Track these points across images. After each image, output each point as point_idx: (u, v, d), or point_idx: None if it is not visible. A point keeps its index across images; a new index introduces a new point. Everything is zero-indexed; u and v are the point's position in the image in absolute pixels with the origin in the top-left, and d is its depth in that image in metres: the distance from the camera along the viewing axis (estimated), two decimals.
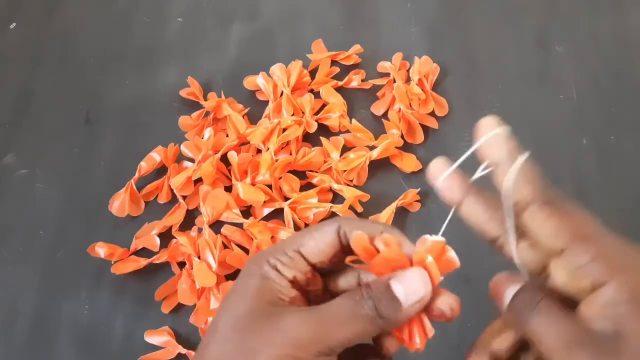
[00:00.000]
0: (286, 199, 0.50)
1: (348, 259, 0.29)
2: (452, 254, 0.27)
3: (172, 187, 0.50)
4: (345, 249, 0.29)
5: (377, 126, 0.54)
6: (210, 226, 0.49)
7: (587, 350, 0.25)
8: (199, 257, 0.47)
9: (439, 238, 0.27)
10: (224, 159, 0.52)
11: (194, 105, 0.56)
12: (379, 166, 0.52)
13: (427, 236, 0.27)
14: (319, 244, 0.28)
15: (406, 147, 0.52)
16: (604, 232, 0.27)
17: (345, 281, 0.30)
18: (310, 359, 0.25)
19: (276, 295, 0.27)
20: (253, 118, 0.55)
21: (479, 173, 0.28)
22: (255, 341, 0.26)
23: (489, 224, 0.28)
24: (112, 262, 0.48)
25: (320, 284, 0.30)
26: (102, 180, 0.53)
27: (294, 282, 0.28)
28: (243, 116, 0.54)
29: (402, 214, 0.50)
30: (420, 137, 0.53)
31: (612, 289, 0.25)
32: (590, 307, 0.26)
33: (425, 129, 0.53)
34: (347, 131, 0.53)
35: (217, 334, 0.27)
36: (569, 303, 0.27)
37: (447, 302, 0.27)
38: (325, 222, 0.29)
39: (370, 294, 0.26)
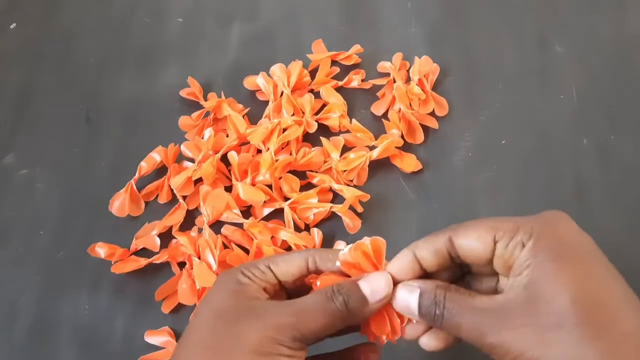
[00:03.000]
0: (286, 199, 0.50)
1: (308, 279, 0.33)
2: (366, 241, 0.32)
3: (172, 187, 0.50)
4: (309, 274, 0.34)
5: (377, 126, 0.54)
6: (211, 226, 0.49)
7: (506, 321, 0.27)
8: (199, 257, 0.47)
9: (347, 248, 0.32)
10: (224, 159, 0.52)
11: (194, 106, 0.56)
12: (379, 166, 0.52)
13: (340, 253, 0.32)
14: (288, 266, 0.32)
15: (406, 147, 0.52)
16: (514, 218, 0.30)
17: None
18: (288, 342, 0.29)
19: (252, 295, 0.31)
20: (253, 118, 0.55)
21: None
22: (240, 328, 0.29)
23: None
24: (112, 262, 0.48)
25: (284, 297, 0.33)
26: (102, 180, 0.53)
27: (264, 290, 0.31)
28: (243, 116, 0.54)
29: (402, 214, 0.50)
30: (420, 137, 0.53)
31: (529, 246, 0.28)
32: (512, 273, 0.28)
33: (425, 129, 0.53)
34: (347, 131, 0.53)
35: (200, 325, 0.30)
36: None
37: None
38: (299, 251, 0.34)
39: (341, 290, 0.30)
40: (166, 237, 0.49)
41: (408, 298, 0.30)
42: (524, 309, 0.26)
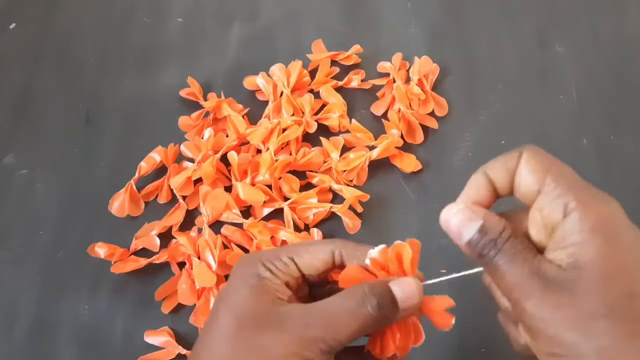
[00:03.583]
0: (286, 199, 0.50)
1: (332, 274, 0.31)
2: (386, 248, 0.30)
3: (172, 187, 0.50)
4: (335, 268, 0.31)
5: (377, 126, 0.54)
6: (210, 226, 0.49)
7: (541, 284, 0.25)
8: (199, 257, 0.47)
9: (380, 247, 0.30)
10: (224, 159, 0.52)
11: (194, 106, 0.56)
12: (378, 166, 0.51)
13: (371, 250, 0.30)
14: (312, 259, 0.30)
15: (406, 147, 0.52)
16: (576, 176, 0.28)
17: (328, 292, 0.32)
18: (315, 356, 0.27)
19: (275, 294, 0.29)
20: (253, 118, 0.55)
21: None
22: (264, 339, 0.27)
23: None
24: (112, 262, 0.48)
25: (306, 291, 0.32)
26: (102, 180, 0.53)
27: (286, 285, 0.30)
28: (243, 116, 0.54)
29: (402, 214, 0.50)
30: (420, 137, 0.53)
31: (576, 217, 0.26)
32: (554, 240, 0.26)
33: (425, 129, 0.53)
34: (347, 131, 0.53)
35: (221, 332, 0.28)
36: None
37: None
38: (323, 241, 0.32)
39: (374, 292, 0.28)
40: (166, 237, 0.49)
41: (465, 223, 0.28)
42: (571, 289, 0.25)
